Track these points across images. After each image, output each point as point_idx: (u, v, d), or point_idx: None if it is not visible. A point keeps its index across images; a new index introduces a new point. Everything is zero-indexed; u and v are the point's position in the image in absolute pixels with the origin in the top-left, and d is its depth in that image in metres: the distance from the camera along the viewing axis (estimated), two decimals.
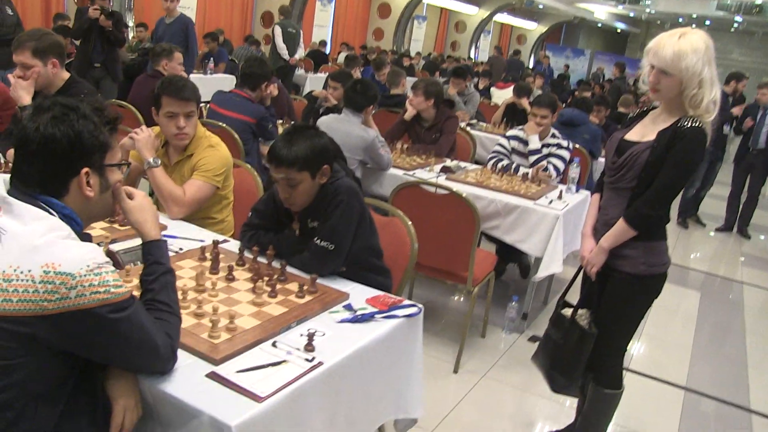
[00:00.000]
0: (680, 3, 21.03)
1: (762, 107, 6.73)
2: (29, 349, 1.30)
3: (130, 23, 10.28)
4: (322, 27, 16.18)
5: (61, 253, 1.30)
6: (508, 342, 3.82)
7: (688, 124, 2.18)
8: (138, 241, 2.09)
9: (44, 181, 1.42)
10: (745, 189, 7.19)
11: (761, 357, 4.24)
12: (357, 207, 2.24)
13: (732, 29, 24.36)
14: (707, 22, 23.26)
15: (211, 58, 8.51)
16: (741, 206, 7.33)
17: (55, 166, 1.42)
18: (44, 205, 1.39)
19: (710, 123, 2.23)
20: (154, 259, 1.59)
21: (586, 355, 2.44)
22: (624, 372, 2.65)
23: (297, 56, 9.68)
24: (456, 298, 4.44)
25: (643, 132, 2.33)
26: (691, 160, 2.21)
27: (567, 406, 3.19)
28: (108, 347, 1.37)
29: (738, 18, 20.97)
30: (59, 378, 1.38)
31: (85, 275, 1.30)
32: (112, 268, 1.36)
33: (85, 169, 1.45)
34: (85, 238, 1.44)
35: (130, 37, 9.50)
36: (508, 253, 4.35)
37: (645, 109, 2.46)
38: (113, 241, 2.24)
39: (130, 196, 1.64)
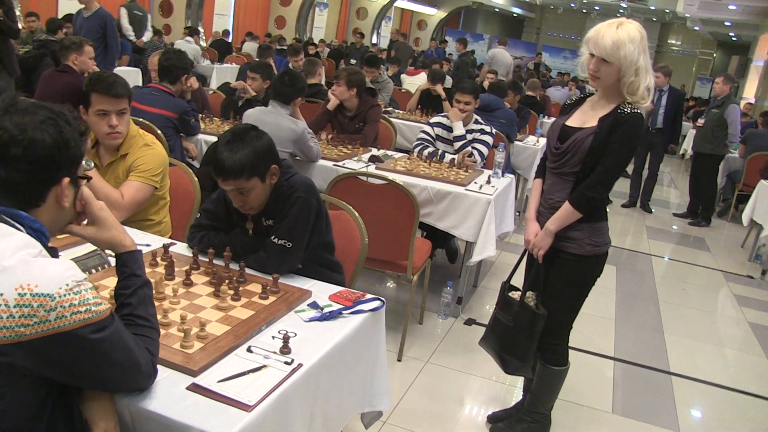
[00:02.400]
0: None
1: (658, 89, 7.13)
2: (6, 380, 1.21)
3: (18, 12, 9.65)
4: (223, 16, 15.77)
5: (37, 272, 1.20)
6: (445, 327, 3.89)
7: (627, 110, 2.30)
8: (88, 248, 1.99)
9: (21, 189, 1.31)
10: (646, 166, 7.63)
11: (674, 322, 4.52)
12: (314, 203, 2.22)
13: (618, 15, 25.58)
14: (596, 8, 24.30)
15: None
16: (642, 183, 7.76)
17: (40, 173, 1.32)
18: (10, 220, 1.28)
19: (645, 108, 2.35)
20: (130, 271, 1.50)
21: (537, 336, 2.53)
22: None
23: (144, 38, 9.65)
24: (392, 286, 4.48)
25: (584, 119, 2.42)
26: (633, 144, 2.33)
27: (510, 385, 3.30)
28: (90, 369, 1.28)
29: (623, 4, 22.04)
30: (36, 406, 1.28)
31: (64, 295, 1.21)
32: (91, 285, 1.28)
33: (67, 179, 1.36)
34: (52, 252, 1.35)
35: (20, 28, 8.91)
36: (436, 239, 4.41)
37: (583, 96, 2.55)
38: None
39: (87, 204, 1.52)
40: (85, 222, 1.52)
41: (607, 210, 2.55)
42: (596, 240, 2.46)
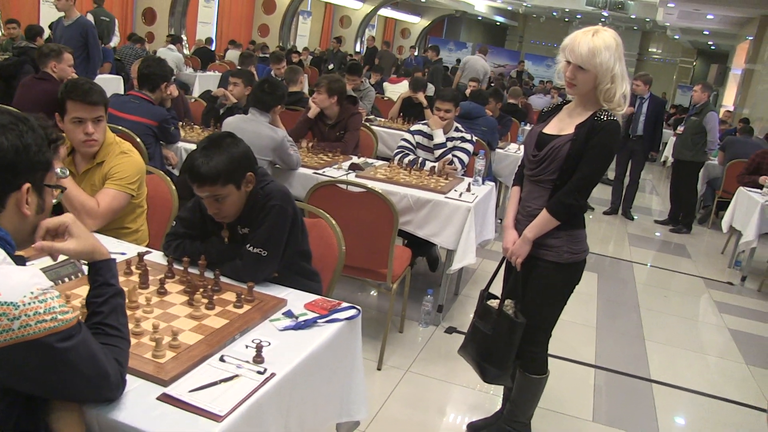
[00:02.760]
0: None
1: (639, 97, 7.20)
2: None
3: None
4: (206, 24, 15.73)
5: (1, 280, 1.18)
6: (425, 335, 3.88)
7: (603, 117, 2.31)
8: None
9: None
10: (627, 174, 7.67)
11: (655, 330, 4.54)
12: (290, 211, 2.20)
13: (600, 23, 25.82)
14: (578, 16, 24.54)
15: None
16: (624, 190, 7.79)
17: None
18: None
19: (621, 115, 2.36)
20: (104, 280, 1.48)
21: (516, 345, 2.52)
22: None
23: (112, 44, 9.57)
24: (372, 294, 4.46)
25: (561, 126, 2.43)
26: (610, 151, 2.34)
27: (491, 394, 3.29)
28: (56, 379, 1.26)
29: (605, 13, 22.27)
30: (0, 418, 1.26)
31: (29, 303, 1.19)
32: (57, 293, 1.25)
33: (27, 185, 1.34)
34: (20, 261, 1.33)
35: None
36: (417, 247, 4.41)
37: (559, 103, 2.56)
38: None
39: (61, 225, 1.47)
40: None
41: (589, 217, 2.56)
42: (574, 247, 2.46)
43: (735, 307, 5.30)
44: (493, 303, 2.61)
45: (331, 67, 12.47)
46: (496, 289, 2.69)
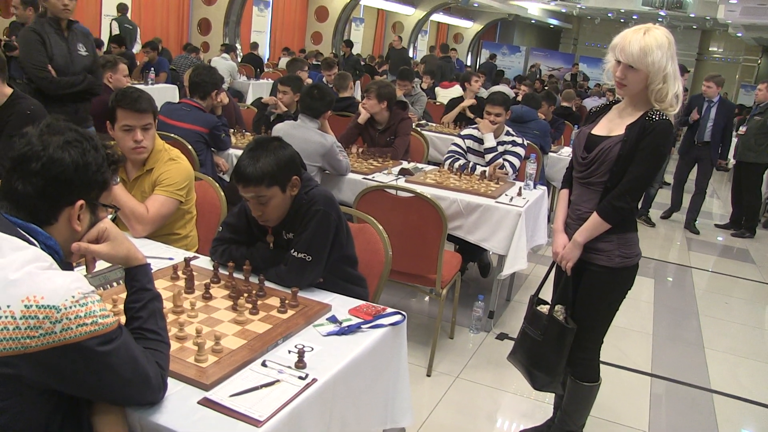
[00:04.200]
0: None
1: (707, 100, 6.75)
2: (13, 390, 1.21)
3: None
4: (260, 32, 15.98)
5: (43, 284, 1.21)
6: (476, 341, 3.82)
7: (655, 117, 2.23)
8: (103, 263, 2.00)
9: (36, 204, 1.33)
10: (692, 182, 7.22)
11: (715, 338, 4.37)
12: (334, 216, 2.20)
13: (657, 23, 25.17)
14: (634, 17, 23.97)
15: (152, 68, 8.27)
16: (690, 200, 7.23)
17: (53, 191, 1.34)
18: (26, 234, 1.30)
19: (674, 116, 2.28)
20: (140, 285, 1.49)
21: (567, 351, 2.45)
22: None
23: (134, 50, 9.87)
24: (422, 300, 4.43)
25: (610, 127, 2.36)
26: (661, 152, 2.26)
27: (542, 402, 3.21)
28: (97, 382, 1.28)
29: (662, 12, 21.70)
30: (45, 418, 1.29)
31: (70, 307, 1.21)
32: (98, 297, 1.28)
33: (81, 202, 1.37)
34: (67, 267, 1.36)
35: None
36: (468, 253, 4.36)
37: (609, 103, 2.49)
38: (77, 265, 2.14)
39: (99, 231, 1.48)
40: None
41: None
42: (626, 251, 2.38)
43: None
44: (543, 308, 2.55)
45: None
46: (547, 294, 2.62)
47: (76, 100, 4.12)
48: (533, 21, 27.69)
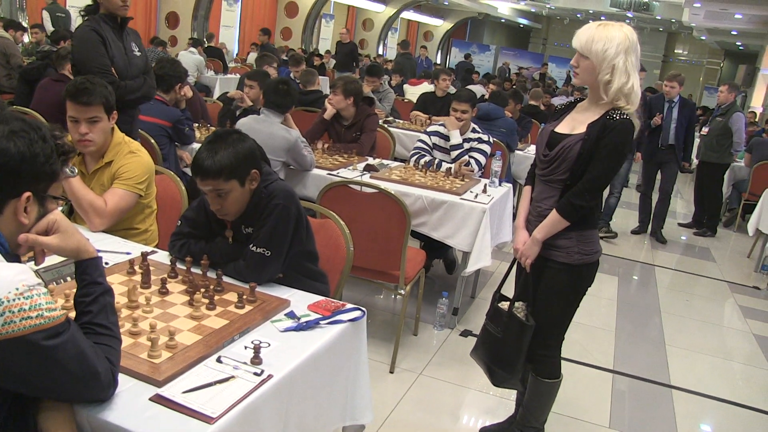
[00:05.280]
0: (577, 0, 21.87)
1: (668, 101, 6.44)
2: None
3: (25, 24, 9.70)
4: (229, 27, 15.82)
5: None
6: (440, 338, 3.83)
7: (616, 116, 2.25)
8: (57, 258, 1.95)
9: None
10: (656, 188, 6.92)
11: (676, 334, 4.44)
12: (294, 210, 2.17)
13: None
14: (602, 18, 24.26)
15: None
16: (654, 207, 6.98)
17: None
18: None
19: (635, 114, 2.29)
20: (91, 278, 1.45)
21: (525, 347, 2.46)
22: None
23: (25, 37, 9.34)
24: (386, 296, 4.42)
25: (573, 125, 2.37)
26: (621, 151, 2.27)
27: (505, 399, 3.23)
28: (43, 377, 1.24)
29: (629, 14, 22.03)
30: None
31: (14, 299, 1.17)
32: (45, 290, 1.24)
33: (28, 194, 1.33)
34: (14, 260, 1.31)
35: (25, 40, 8.96)
36: (433, 249, 4.36)
37: (574, 100, 2.50)
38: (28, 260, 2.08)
39: (49, 223, 1.43)
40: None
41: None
42: (585, 248, 2.39)
43: (761, 312, 5.17)
44: (504, 305, 2.56)
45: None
46: (509, 290, 2.63)
47: (132, 106, 3.61)
48: (503, 20, 27.88)
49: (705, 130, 7.37)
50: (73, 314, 1.41)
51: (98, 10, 3.48)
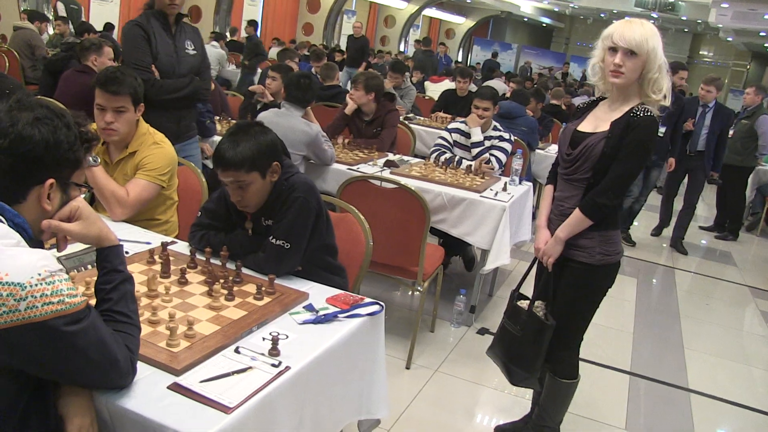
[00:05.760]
0: None
1: (702, 105, 6.07)
2: None
3: (50, 15, 9.80)
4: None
5: (8, 261, 1.18)
6: (457, 335, 3.81)
7: (640, 113, 2.21)
8: (79, 246, 1.97)
9: (3, 182, 1.30)
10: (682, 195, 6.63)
11: (695, 338, 4.39)
12: (314, 204, 2.17)
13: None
14: (627, 18, 24.04)
15: None
16: (677, 216, 6.61)
17: (22, 169, 1.31)
18: None
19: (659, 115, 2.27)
20: (112, 266, 1.46)
21: (545, 347, 2.44)
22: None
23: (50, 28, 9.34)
24: (404, 292, 4.41)
25: (596, 123, 2.34)
26: (646, 148, 2.24)
27: (520, 398, 3.21)
28: (63, 363, 1.25)
29: (654, 14, 21.78)
30: (8, 399, 1.25)
31: (36, 285, 1.18)
32: (66, 276, 1.25)
33: (51, 181, 1.34)
34: (37, 246, 1.32)
35: (50, 31, 9.05)
36: (453, 246, 4.35)
37: (596, 99, 2.47)
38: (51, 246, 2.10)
39: (72, 210, 1.45)
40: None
41: (618, 218, 2.43)
42: (607, 249, 2.37)
43: None
44: (523, 304, 2.54)
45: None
46: (528, 290, 2.61)
47: (179, 106, 3.50)
48: (526, 19, 27.70)
49: (731, 132, 7.19)
50: (93, 302, 1.42)
51: (153, 6, 3.45)
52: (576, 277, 2.42)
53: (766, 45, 22.31)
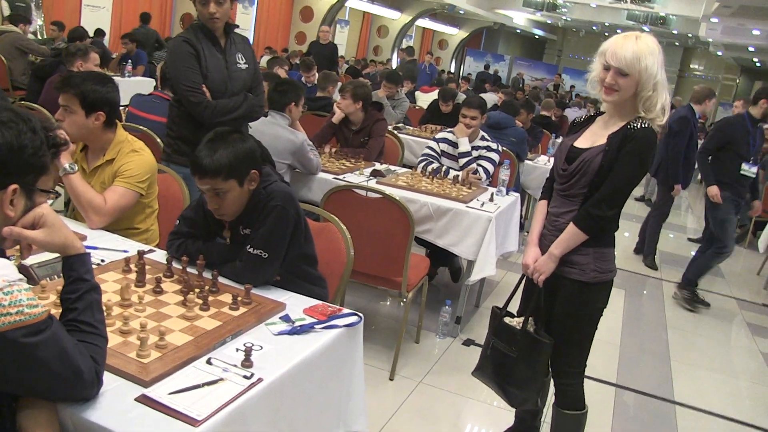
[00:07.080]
0: (594, 12, 21.78)
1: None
2: None
3: (40, 21, 9.75)
4: (243, 30, 15.86)
5: None
6: (442, 347, 3.79)
7: (637, 125, 2.17)
8: (48, 255, 1.93)
9: None
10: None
11: (682, 350, 4.38)
12: (292, 213, 2.14)
13: None
14: (618, 31, 24.19)
15: (129, 61, 8.16)
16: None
17: None
18: None
19: (659, 126, 2.23)
20: (77, 275, 1.42)
21: (543, 366, 2.37)
22: None
23: (30, 28, 8.70)
24: (388, 303, 4.38)
25: (593, 139, 2.29)
26: (643, 159, 2.19)
27: (503, 409, 3.17)
28: (24, 376, 1.22)
29: (645, 28, 21.91)
30: None
31: None
32: (27, 286, 1.21)
33: (14, 186, 1.30)
34: (1, 255, 1.29)
35: (30, 31, 8.97)
36: (439, 257, 4.32)
37: (593, 114, 2.44)
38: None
39: (36, 217, 1.40)
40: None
41: (614, 236, 2.38)
42: (601, 266, 2.30)
43: None
44: (512, 322, 2.45)
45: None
46: (512, 306, 2.55)
47: (232, 126, 2.85)
48: (518, 31, 27.82)
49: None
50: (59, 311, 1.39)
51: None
52: (568, 296, 2.34)
53: (755, 60, 22.48)
